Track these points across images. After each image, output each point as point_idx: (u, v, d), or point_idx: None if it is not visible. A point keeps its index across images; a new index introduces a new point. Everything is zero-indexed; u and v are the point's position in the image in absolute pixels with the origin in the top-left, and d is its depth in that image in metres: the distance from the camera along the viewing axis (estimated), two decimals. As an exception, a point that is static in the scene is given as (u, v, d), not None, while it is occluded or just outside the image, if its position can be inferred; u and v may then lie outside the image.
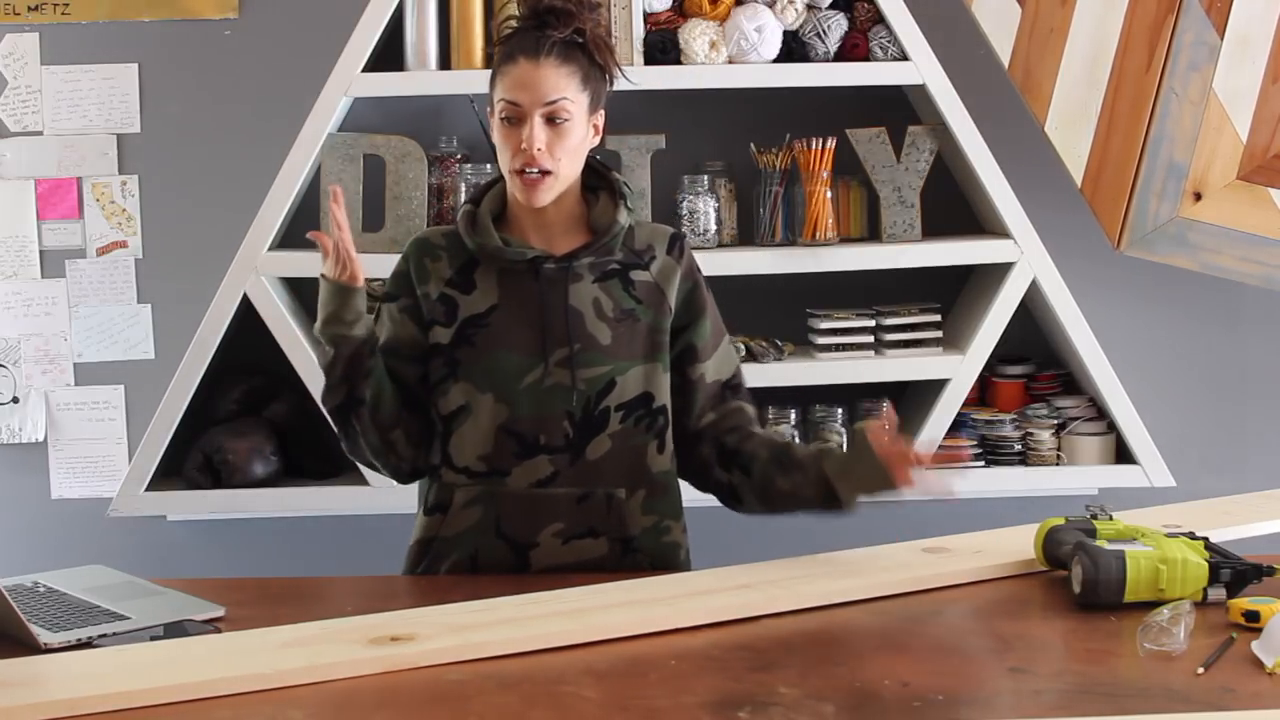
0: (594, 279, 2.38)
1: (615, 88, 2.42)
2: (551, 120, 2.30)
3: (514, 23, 2.37)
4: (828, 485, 2.30)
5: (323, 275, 2.32)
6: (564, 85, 2.30)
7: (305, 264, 3.42)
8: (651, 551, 2.41)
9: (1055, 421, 3.57)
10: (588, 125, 2.35)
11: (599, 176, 2.45)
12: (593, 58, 2.34)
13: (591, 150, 2.41)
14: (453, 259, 2.40)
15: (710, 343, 2.45)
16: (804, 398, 3.56)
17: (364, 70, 3.37)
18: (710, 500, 2.48)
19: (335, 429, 2.40)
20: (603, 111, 2.40)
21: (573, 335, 2.34)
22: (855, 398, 3.58)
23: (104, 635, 2.03)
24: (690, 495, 2.51)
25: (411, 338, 2.39)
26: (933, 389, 3.50)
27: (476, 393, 2.35)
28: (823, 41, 3.44)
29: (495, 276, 2.37)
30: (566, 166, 2.33)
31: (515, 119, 2.31)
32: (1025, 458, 3.57)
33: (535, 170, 2.30)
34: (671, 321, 2.42)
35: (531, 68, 2.30)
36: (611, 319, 2.36)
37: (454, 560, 2.39)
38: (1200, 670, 1.81)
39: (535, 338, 2.34)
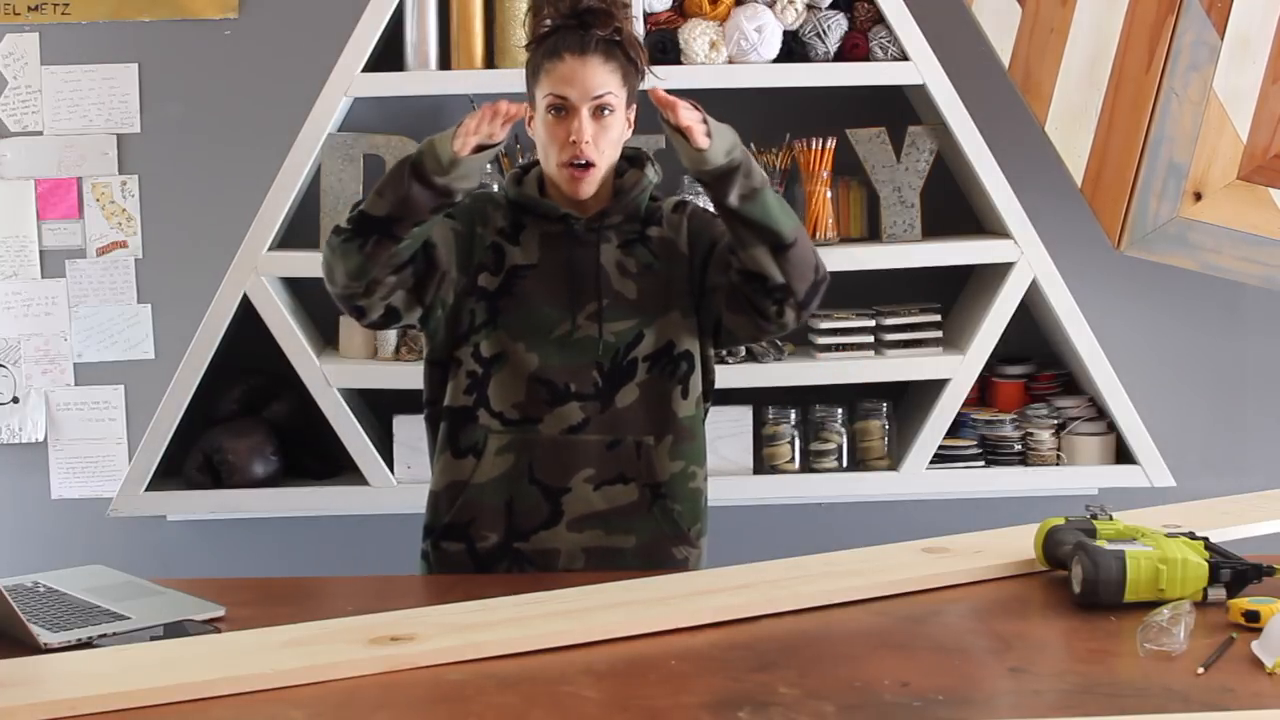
0: (619, 243, 2.48)
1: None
2: (597, 113, 2.40)
3: (550, 22, 2.43)
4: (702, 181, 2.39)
5: (450, 141, 2.28)
6: (608, 80, 2.41)
7: (305, 264, 3.41)
8: (679, 497, 2.48)
9: (1055, 421, 3.57)
10: (625, 119, 2.46)
11: (626, 160, 2.53)
12: (628, 55, 2.44)
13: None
14: (506, 214, 2.50)
15: (721, 230, 2.48)
16: (804, 398, 3.56)
17: (364, 70, 3.37)
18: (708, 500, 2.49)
19: (346, 232, 2.34)
20: (635, 106, 2.49)
21: (602, 291, 2.45)
22: (855, 398, 3.57)
23: (104, 635, 2.04)
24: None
25: (446, 251, 2.43)
26: (933, 389, 3.50)
27: (510, 341, 2.45)
28: (823, 41, 3.44)
29: (538, 238, 2.48)
30: (608, 158, 2.45)
31: (563, 112, 2.40)
32: (1025, 458, 3.57)
33: (582, 161, 2.40)
34: (692, 255, 2.49)
35: (579, 63, 2.39)
36: (635, 275, 2.47)
37: (487, 506, 2.44)
38: (1200, 670, 1.81)
39: (566, 294, 2.45)
